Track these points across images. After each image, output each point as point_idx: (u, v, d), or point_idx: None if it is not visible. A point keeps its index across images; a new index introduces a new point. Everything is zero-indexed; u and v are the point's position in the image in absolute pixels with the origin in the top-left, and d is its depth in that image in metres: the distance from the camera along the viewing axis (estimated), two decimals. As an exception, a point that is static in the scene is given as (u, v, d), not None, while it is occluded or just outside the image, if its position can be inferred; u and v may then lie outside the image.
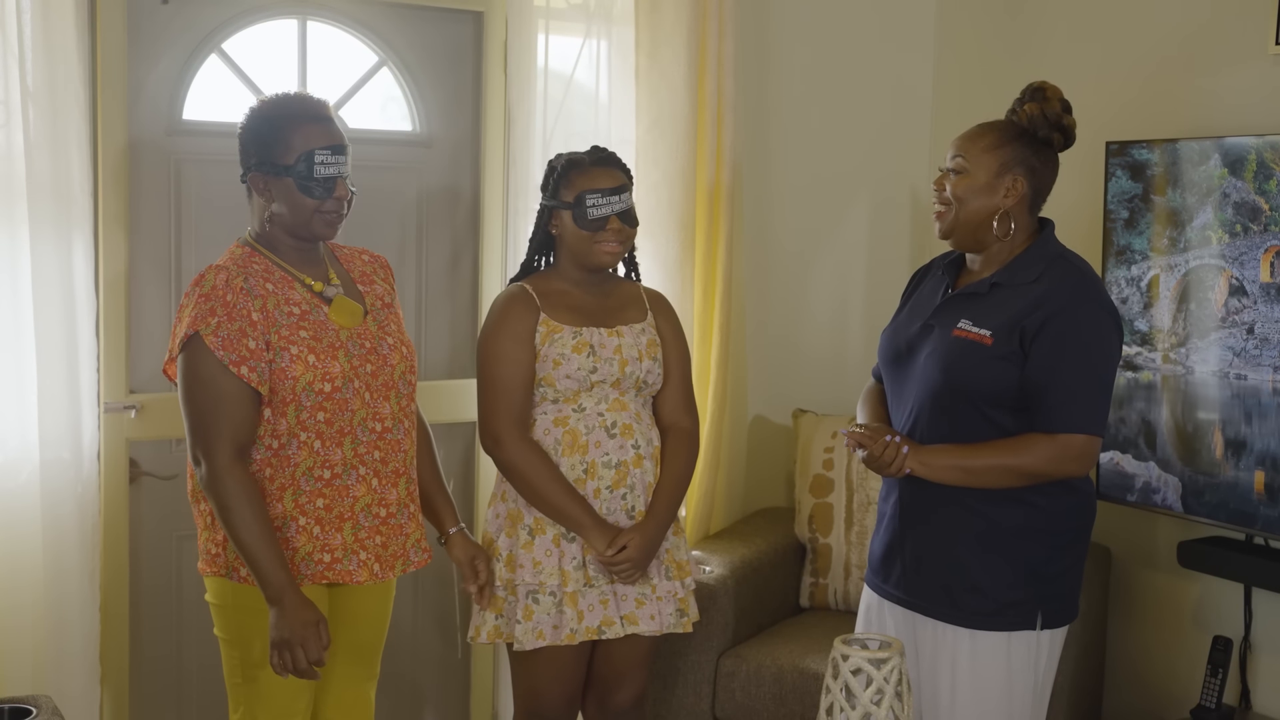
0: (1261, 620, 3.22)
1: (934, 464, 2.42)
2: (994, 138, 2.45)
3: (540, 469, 2.72)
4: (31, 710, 2.30)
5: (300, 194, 2.40)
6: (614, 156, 2.83)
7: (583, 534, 2.72)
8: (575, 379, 2.74)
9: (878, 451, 2.43)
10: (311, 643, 2.31)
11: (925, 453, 2.43)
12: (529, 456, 2.73)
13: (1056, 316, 2.36)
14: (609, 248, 2.77)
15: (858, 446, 2.45)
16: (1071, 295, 2.39)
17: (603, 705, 2.92)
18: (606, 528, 2.72)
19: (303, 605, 2.32)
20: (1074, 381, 2.37)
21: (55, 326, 2.83)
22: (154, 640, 3.17)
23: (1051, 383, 2.36)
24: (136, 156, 3.06)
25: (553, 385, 2.75)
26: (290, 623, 2.30)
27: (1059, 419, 2.36)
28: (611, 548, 2.70)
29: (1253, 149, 3.02)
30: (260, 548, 2.31)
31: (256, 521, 2.32)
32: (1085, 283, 2.43)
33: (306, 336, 2.40)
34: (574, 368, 2.73)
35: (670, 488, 2.81)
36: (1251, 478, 3.04)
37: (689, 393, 2.93)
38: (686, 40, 3.47)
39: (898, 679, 2.06)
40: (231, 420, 2.34)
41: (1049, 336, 2.36)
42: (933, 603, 2.48)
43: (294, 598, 2.32)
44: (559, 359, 2.74)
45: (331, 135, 2.43)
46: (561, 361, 2.73)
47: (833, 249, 4.01)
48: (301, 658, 2.31)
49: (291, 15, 3.25)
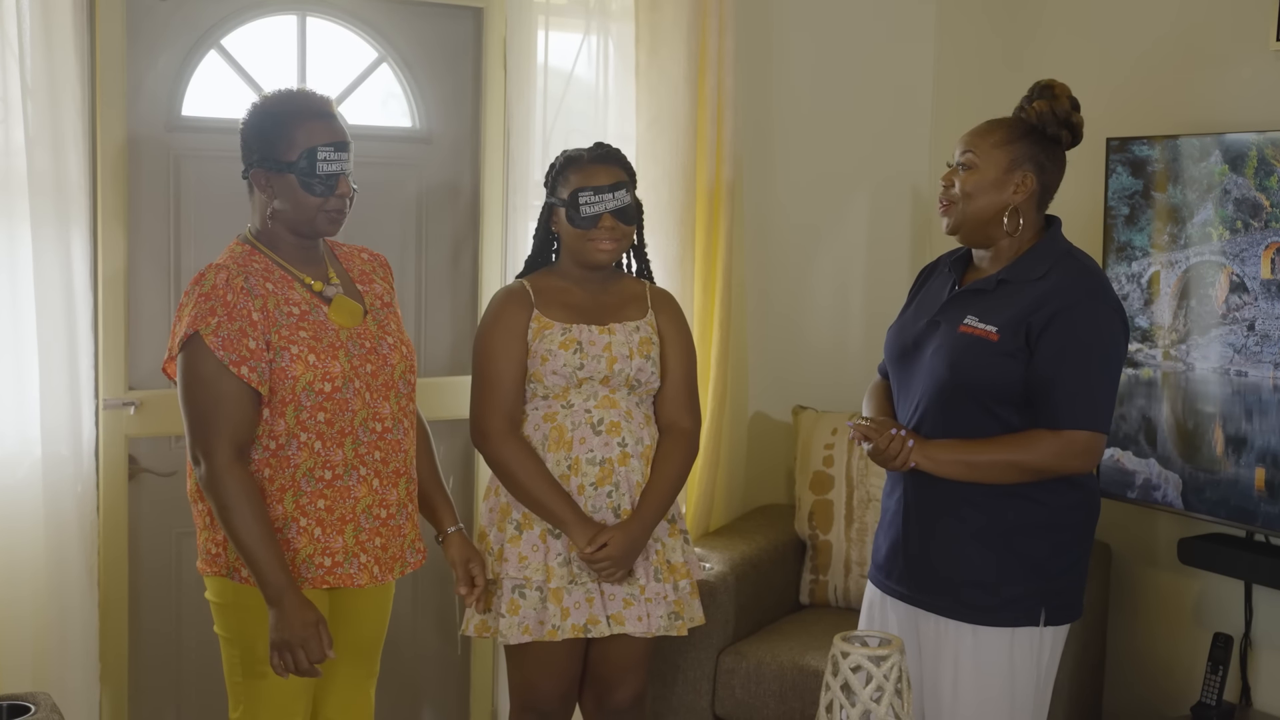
0: (1262, 617, 3.21)
1: (938, 458, 2.42)
2: (1003, 134, 2.46)
3: (525, 465, 2.73)
4: (30, 708, 2.29)
5: (303, 191, 2.39)
6: (615, 153, 2.83)
7: (565, 530, 2.72)
8: (562, 375, 2.74)
9: (883, 445, 2.43)
10: (312, 643, 2.30)
11: (930, 447, 2.43)
12: (515, 452, 2.74)
13: (1063, 313, 2.37)
14: (603, 246, 2.77)
15: (863, 439, 2.45)
16: (1078, 292, 2.39)
17: (601, 704, 2.92)
18: (589, 524, 2.72)
19: (302, 606, 2.31)
20: (1079, 378, 2.37)
21: (54, 322, 2.82)
22: (153, 637, 3.17)
23: (1057, 379, 2.36)
24: (135, 152, 3.06)
25: (541, 381, 2.76)
26: (290, 624, 2.30)
27: (1064, 415, 2.36)
28: (592, 545, 2.70)
29: (1253, 145, 3.01)
30: (260, 548, 2.30)
31: (256, 522, 2.31)
32: (1092, 280, 2.43)
33: (306, 336, 2.39)
34: (560, 364, 2.74)
35: (660, 488, 2.79)
36: (1252, 474, 3.04)
37: (691, 393, 2.92)
38: (687, 36, 3.47)
39: (898, 676, 2.06)
40: (231, 420, 2.33)
41: (1055, 332, 2.36)
42: (936, 598, 2.48)
43: (293, 599, 2.31)
44: (547, 355, 2.74)
45: (334, 131, 2.42)
46: (549, 358, 2.74)
47: (833, 245, 4.00)
48: (303, 658, 2.30)
49: (291, 11, 3.25)
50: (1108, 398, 2.41)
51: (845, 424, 2.59)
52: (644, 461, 2.80)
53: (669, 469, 2.82)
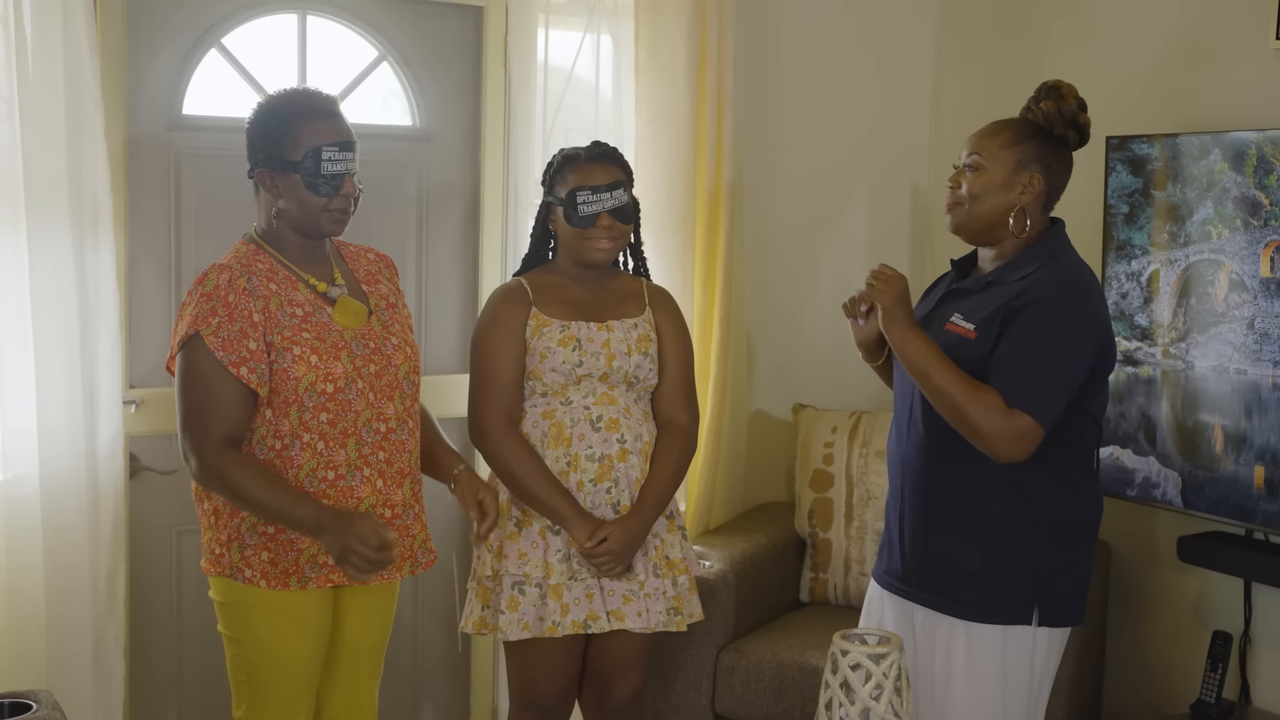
0: (1261, 615, 3.21)
1: (905, 343, 2.41)
2: (1010, 134, 2.46)
3: (524, 462, 2.73)
4: (31, 705, 2.30)
5: (307, 191, 2.39)
6: (612, 152, 2.83)
7: (564, 525, 2.73)
8: (561, 372, 2.75)
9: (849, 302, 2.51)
10: (368, 537, 2.26)
11: (909, 332, 2.41)
12: (514, 449, 2.74)
13: (1034, 305, 2.36)
14: (600, 245, 2.78)
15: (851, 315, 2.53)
16: (1052, 289, 2.37)
17: (600, 700, 2.93)
18: (588, 519, 2.73)
19: (340, 517, 2.30)
20: (1038, 364, 2.34)
21: (59, 320, 2.81)
22: (153, 635, 3.17)
23: (1014, 360, 2.34)
24: (136, 152, 3.06)
25: (540, 378, 2.76)
26: (341, 535, 2.26)
27: (1015, 394, 2.32)
28: (591, 540, 2.70)
29: (1253, 143, 3.01)
30: (277, 500, 2.30)
31: (263, 480, 2.31)
32: (1069, 280, 2.40)
33: (309, 337, 2.39)
34: (559, 361, 2.74)
35: (659, 483, 2.80)
36: (1251, 473, 3.04)
37: (689, 389, 2.93)
38: (687, 34, 3.47)
39: (897, 674, 2.06)
40: (223, 418, 2.34)
41: (1022, 318, 2.35)
42: (930, 594, 2.48)
43: (329, 516, 2.29)
44: (546, 352, 2.75)
45: (339, 131, 2.42)
46: (548, 355, 2.75)
47: (833, 243, 4.00)
48: (367, 552, 2.26)
49: (291, 10, 3.25)
50: (1060, 394, 2.35)
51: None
52: (643, 458, 2.81)
53: (667, 464, 2.82)
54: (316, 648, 2.48)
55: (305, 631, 2.45)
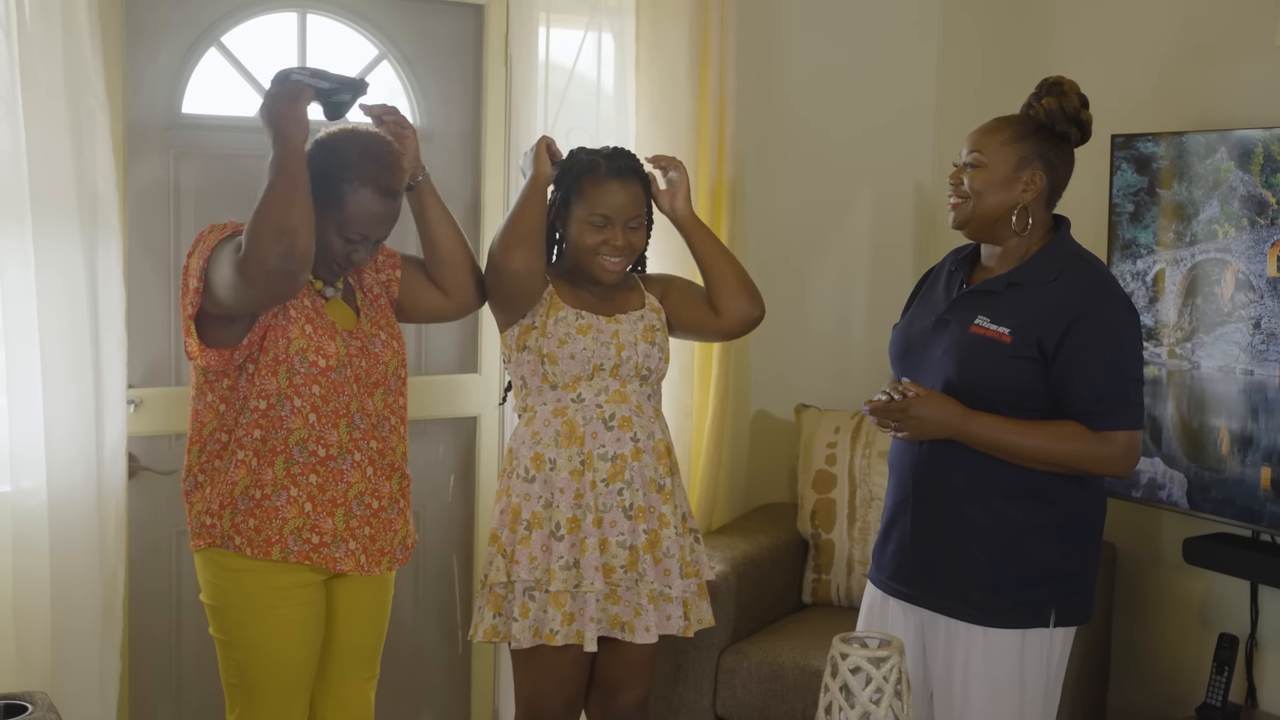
0: (1268, 617, 3.19)
1: (976, 433, 2.40)
2: (1012, 132, 2.44)
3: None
4: (27, 707, 2.29)
5: (332, 235, 2.42)
6: (631, 166, 2.77)
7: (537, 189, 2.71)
8: (579, 360, 2.71)
9: (879, 408, 2.45)
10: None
11: (964, 436, 2.40)
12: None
13: (1083, 319, 2.36)
14: (610, 265, 2.75)
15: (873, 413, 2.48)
16: (1093, 295, 2.39)
17: (606, 708, 2.88)
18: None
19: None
20: (1112, 381, 2.37)
21: (65, 323, 2.79)
22: (152, 635, 3.16)
23: (1088, 386, 2.36)
24: (135, 151, 3.05)
25: (556, 363, 2.72)
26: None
27: (1101, 419, 2.36)
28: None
29: (1260, 142, 2.99)
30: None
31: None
32: (1103, 281, 2.43)
33: (308, 310, 2.44)
34: (579, 348, 2.71)
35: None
36: (1258, 474, 3.02)
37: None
38: (688, 32, 3.46)
39: (897, 678, 2.04)
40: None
41: (1079, 338, 2.35)
42: (946, 600, 2.46)
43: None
44: (564, 338, 2.72)
45: (383, 217, 2.44)
46: (567, 340, 2.71)
47: (836, 242, 3.98)
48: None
49: (291, 8, 3.24)
50: (1139, 394, 2.41)
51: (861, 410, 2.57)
52: (656, 456, 2.77)
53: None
54: (309, 649, 2.47)
55: (296, 631, 2.44)
